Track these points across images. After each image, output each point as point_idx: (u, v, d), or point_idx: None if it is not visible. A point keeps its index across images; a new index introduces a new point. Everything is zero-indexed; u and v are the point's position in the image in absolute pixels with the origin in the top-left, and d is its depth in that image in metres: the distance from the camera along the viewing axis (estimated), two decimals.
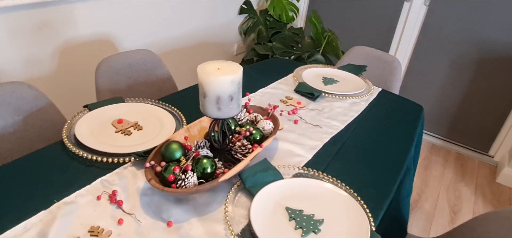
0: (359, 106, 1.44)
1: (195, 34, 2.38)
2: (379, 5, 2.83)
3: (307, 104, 1.41)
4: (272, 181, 0.93)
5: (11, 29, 1.46)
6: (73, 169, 0.92)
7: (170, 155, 0.88)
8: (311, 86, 1.49)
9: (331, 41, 2.67)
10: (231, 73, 0.82)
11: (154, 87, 1.55)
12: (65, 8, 1.60)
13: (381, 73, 1.89)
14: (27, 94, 1.16)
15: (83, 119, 1.09)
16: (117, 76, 1.43)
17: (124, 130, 1.07)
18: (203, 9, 2.36)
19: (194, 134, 1.04)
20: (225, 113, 0.86)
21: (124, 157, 0.96)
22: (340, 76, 1.66)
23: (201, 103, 0.87)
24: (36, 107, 1.18)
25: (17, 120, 1.14)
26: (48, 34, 1.59)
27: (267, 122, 1.08)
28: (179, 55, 2.32)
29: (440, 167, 2.57)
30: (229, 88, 0.83)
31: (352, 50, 1.97)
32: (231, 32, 2.74)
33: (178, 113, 1.19)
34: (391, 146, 1.20)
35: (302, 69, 1.69)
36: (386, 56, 1.88)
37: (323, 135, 1.22)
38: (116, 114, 1.15)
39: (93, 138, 1.01)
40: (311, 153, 1.11)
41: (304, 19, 3.25)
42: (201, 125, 1.06)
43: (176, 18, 2.19)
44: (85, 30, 1.72)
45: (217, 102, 0.84)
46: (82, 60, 1.77)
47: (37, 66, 1.60)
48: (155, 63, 1.56)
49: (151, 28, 2.05)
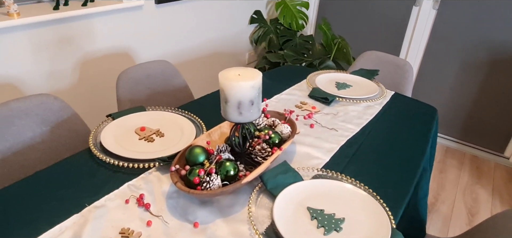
0: (373, 109, 1.46)
1: (207, 45, 2.44)
2: (388, 10, 2.85)
3: (322, 109, 1.43)
4: (292, 182, 0.95)
5: (36, 44, 1.53)
6: (101, 175, 0.96)
7: (194, 159, 0.91)
8: (325, 91, 1.52)
9: (342, 47, 2.70)
10: (252, 78, 0.86)
11: (171, 96, 1.60)
12: (85, 23, 1.67)
13: (393, 77, 1.90)
14: (53, 106, 1.21)
15: (108, 128, 1.13)
16: (137, 86, 1.47)
17: (147, 137, 1.11)
18: (214, 20, 2.41)
19: (215, 139, 1.07)
20: (246, 118, 0.89)
21: (149, 162, 0.99)
22: (353, 81, 1.68)
23: (223, 109, 0.91)
24: (62, 118, 1.23)
25: (45, 130, 1.19)
26: (70, 48, 1.65)
27: (285, 126, 1.11)
28: (193, 65, 2.38)
29: (455, 170, 2.56)
30: (250, 93, 0.86)
31: (363, 55, 2.00)
32: (242, 41, 2.79)
33: (198, 120, 1.23)
34: (407, 147, 1.21)
35: (315, 75, 1.71)
36: (397, 60, 1.90)
37: (339, 138, 1.24)
38: (138, 122, 1.19)
39: (118, 146, 1.06)
40: (328, 155, 1.14)
41: (313, 26, 3.29)
42: (221, 130, 1.09)
43: (189, 31, 2.24)
44: (104, 44, 1.78)
45: (239, 107, 0.87)
46: (102, 72, 1.83)
47: (60, 79, 1.66)
48: (172, 73, 1.61)
49: (166, 40, 2.11)
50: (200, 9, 2.25)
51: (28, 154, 1.14)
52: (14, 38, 1.45)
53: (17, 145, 1.12)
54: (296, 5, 2.84)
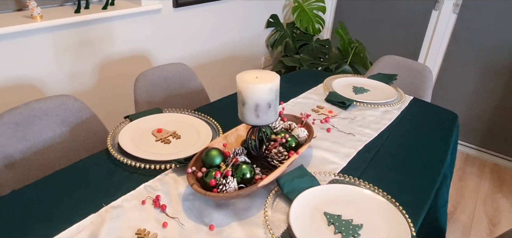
0: (391, 114, 1.43)
1: (223, 48, 2.45)
2: (407, 14, 2.81)
3: (339, 113, 1.41)
4: (309, 187, 0.94)
5: (57, 47, 1.56)
6: (118, 175, 0.97)
7: (210, 161, 0.91)
8: (342, 95, 1.50)
9: (359, 51, 2.66)
10: (269, 81, 0.85)
11: (188, 99, 1.61)
12: (105, 26, 1.70)
13: (412, 82, 1.87)
14: (73, 106, 1.23)
15: (125, 129, 1.14)
16: (154, 88, 1.49)
17: (164, 139, 1.12)
18: (231, 24, 2.42)
19: (231, 142, 1.07)
20: (263, 120, 0.89)
21: (166, 164, 1.00)
22: (370, 85, 1.65)
23: (240, 111, 0.90)
24: (81, 119, 1.25)
25: (64, 131, 1.21)
26: (90, 51, 1.68)
27: (302, 130, 1.10)
28: (209, 68, 2.39)
29: (475, 178, 2.49)
30: (268, 95, 0.85)
31: (381, 59, 1.97)
32: (258, 45, 2.79)
33: (214, 123, 1.23)
34: (427, 154, 1.18)
35: (332, 79, 1.70)
36: (416, 65, 1.87)
37: (356, 143, 1.22)
38: (155, 124, 1.20)
39: (135, 147, 1.06)
40: (346, 160, 1.12)
41: (330, 31, 3.27)
42: (238, 133, 1.09)
43: (206, 34, 2.26)
44: (123, 47, 1.81)
45: (256, 109, 0.87)
46: (120, 75, 1.86)
47: (80, 81, 1.69)
48: (189, 75, 1.62)
49: (182, 43, 2.12)
50: (217, 12, 2.26)
51: (48, 153, 1.17)
52: (37, 41, 1.49)
53: (37, 145, 1.14)
54: (312, 9, 2.83)
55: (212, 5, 2.21)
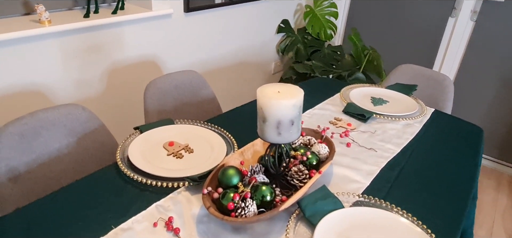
0: (413, 128, 1.36)
1: (233, 54, 2.39)
2: (422, 21, 2.73)
3: (358, 126, 1.35)
4: (332, 210, 0.87)
5: (65, 52, 1.51)
6: (128, 193, 0.91)
7: (227, 181, 0.85)
8: (360, 107, 1.43)
9: (372, 59, 2.59)
10: (293, 96, 0.79)
11: (199, 108, 1.55)
12: (115, 31, 1.64)
13: (431, 92, 1.79)
14: (81, 116, 1.18)
15: (135, 142, 1.08)
16: (165, 97, 1.43)
17: (176, 153, 1.06)
18: (242, 30, 2.36)
19: (248, 158, 1.00)
20: (285, 138, 0.82)
21: (179, 181, 0.94)
22: (389, 96, 1.58)
23: (260, 128, 0.84)
24: (89, 129, 1.19)
25: (71, 141, 1.15)
26: (98, 57, 1.63)
27: (322, 146, 1.03)
28: (218, 74, 2.33)
29: (492, 191, 2.40)
30: (291, 112, 0.79)
31: (398, 68, 1.90)
32: (269, 51, 2.73)
33: (228, 135, 1.17)
34: (455, 173, 1.11)
35: (349, 89, 1.63)
36: (436, 75, 1.79)
37: (378, 159, 1.15)
38: (167, 136, 1.14)
39: (146, 162, 1.00)
40: (369, 179, 1.05)
41: (342, 37, 3.20)
42: (254, 148, 1.03)
43: (216, 40, 2.20)
44: (132, 52, 1.76)
45: (278, 126, 0.80)
46: (129, 81, 1.80)
47: (87, 87, 1.64)
48: (200, 83, 1.56)
49: (192, 49, 2.07)
50: (228, 18, 2.21)
51: (54, 165, 1.11)
52: (45, 46, 1.44)
53: (43, 157, 1.09)
54: (324, 15, 2.76)
55: (223, 10, 2.15)
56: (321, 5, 2.75)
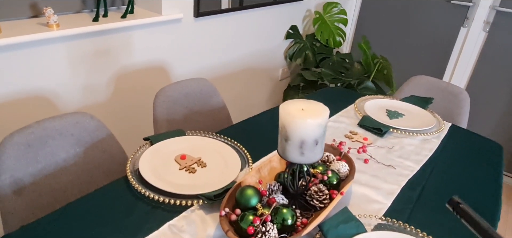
0: (431, 143, 1.32)
1: (241, 60, 2.35)
2: (433, 30, 2.69)
3: (374, 141, 1.30)
4: (355, 234, 0.82)
5: (73, 57, 1.47)
6: (139, 210, 0.86)
7: (245, 202, 0.80)
8: (376, 120, 1.39)
9: (382, 68, 2.55)
10: (318, 115, 0.74)
11: (209, 117, 1.50)
12: (123, 36, 1.60)
13: (446, 105, 1.75)
14: (89, 125, 1.13)
15: (146, 154, 1.04)
16: (174, 106, 1.39)
17: (188, 167, 1.01)
18: (251, 35, 2.32)
19: (264, 175, 0.96)
20: (308, 158, 0.78)
21: (193, 199, 0.89)
22: (405, 109, 1.54)
23: (281, 146, 0.79)
24: (97, 139, 1.15)
25: (78, 152, 1.11)
26: (106, 62, 1.59)
27: (342, 164, 0.98)
28: (225, 80, 2.29)
29: (504, 205, 2.35)
30: (316, 131, 0.75)
31: (412, 80, 1.85)
32: (277, 57, 2.69)
33: (242, 149, 1.12)
34: (478, 193, 1.06)
35: (363, 100, 1.58)
36: (451, 87, 1.75)
37: (398, 177, 1.10)
38: (178, 148, 1.10)
39: (157, 177, 0.96)
40: (389, 199, 1.00)
41: (350, 44, 3.16)
42: (271, 165, 0.98)
43: (225, 45, 2.16)
44: (140, 57, 1.71)
45: (301, 146, 0.76)
46: (136, 87, 1.76)
47: (94, 93, 1.59)
48: (210, 92, 1.52)
49: (201, 54, 2.03)
50: (237, 23, 2.16)
51: (60, 176, 1.06)
52: (52, 50, 1.39)
53: (49, 167, 1.04)
54: (334, 22, 2.72)
55: (233, 15, 2.11)
56: (330, 11, 2.71)
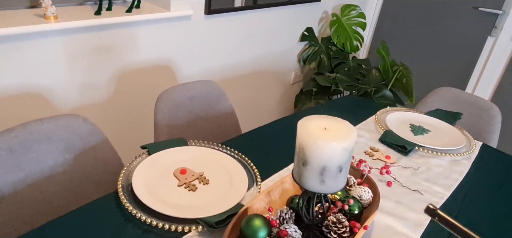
0: (461, 165, 1.17)
1: (252, 61, 2.22)
2: (457, 38, 2.53)
3: (398, 159, 1.16)
4: None
5: (71, 52, 1.36)
6: (129, 234, 0.75)
7: (252, 234, 0.68)
8: (401, 136, 1.25)
9: (401, 76, 2.40)
10: (344, 137, 0.61)
11: (215, 123, 1.38)
12: (128, 32, 1.49)
13: (474, 121, 1.60)
14: (81, 129, 1.02)
15: (142, 166, 0.92)
16: (177, 110, 1.27)
17: (188, 184, 0.89)
18: (264, 36, 2.20)
19: (275, 199, 0.83)
20: (329, 187, 0.65)
21: (190, 224, 0.77)
22: (430, 124, 1.40)
23: (298, 171, 0.67)
24: (89, 144, 1.03)
25: (68, 159, 1.00)
26: (108, 59, 1.48)
27: (365, 190, 0.85)
28: (235, 83, 2.17)
29: None
30: (340, 157, 0.62)
31: (437, 91, 1.71)
32: (290, 59, 2.56)
33: (250, 164, 1.00)
34: None
35: (384, 113, 1.45)
36: (481, 102, 1.60)
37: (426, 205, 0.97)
38: (179, 160, 0.98)
39: (152, 194, 0.84)
40: (417, 232, 0.87)
41: (367, 50, 3.01)
42: (283, 187, 0.86)
43: (236, 45, 2.04)
44: (145, 56, 1.60)
45: (322, 173, 0.63)
46: (139, 87, 1.65)
47: (93, 92, 1.48)
48: (218, 95, 1.40)
49: (210, 55, 1.91)
50: (250, 22, 2.04)
51: (46, 186, 0.95)
52: (48, 44, 1.29)
53: (33, 176, 0.93)
54: (351, 25, 2.58)
55: (246, 13, 1.98)
56: (348, 14, 2.57)
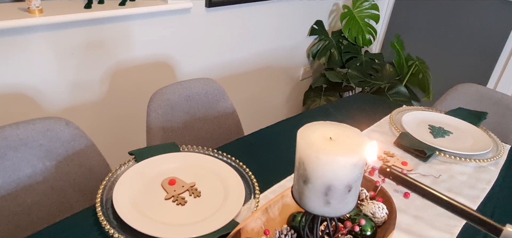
0: (488, 173, 1.04)
1: (258, 57, 2.11)
2: (478, 31, 2.36)
3: (416, 166, 1.04)
4: None
5: (59, 49, 1.27)
6: None
7: None
8: (418, 139, 1.12)
9: (417, 72, 2.26)
10: (354, 150, 0.50)
11: (214, 124, 1.28)
12: (120, 26, 1.39)
13: (500, 121, 1.46)
14: (63, 134, 0.92)
15: (126, 176, 0.82)
16: (172, 111, 1.17)
17: (177, 197, 0.79)
18: (270, 30, 2.08)
19: (274, 216, 0.72)
20: (335, 210, 0.54)
21: None
22: (452, 125, 1.26)
23: (298, 189, 0.56)
24: (73, 150, 0.94)
25: (49, 166, 0.90)
26: (100, 56, 1.38)
27: (379, 206, 0.73)
28: (239, 80, 2.06)
29: None
30: (349, 174, 0.50)
31: (458, 88, 1.57)
32: (298, 55, 2.44)
33: (248, 173, 0.89)
34: None
35: (400, 112, 1.32)
36: (508, 100, 1.45)
37: (449, 221, 0.85)
38: (168, 169, 0.87)
39: (136, 209, 0.74)
40: None
41: (380, 44, 2.86)
42: (283, 201, 0.74)
43: (240, 40, 1.93)
44: (141, 52, 1.51)
45: (326, 193, 0.52)
46: (135, 86, 1.55)
47: (84, 92, 1.39)
48: (218, 95, 1.29)
49: (212, 50, 1.80)
50: (255, 15, 1.93)
51: (23, 197, 0.86)
52: (34, 40, 1.20)
53: (8, 186, 0.84)
54: (364, 17, 2.44)
55: (250, 6, 1.87)
56: (360, 6, 2.43)
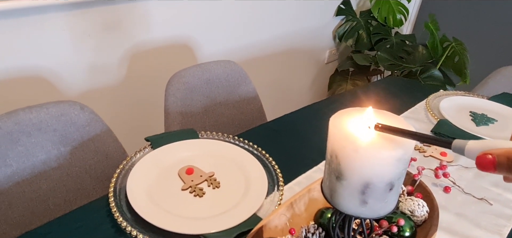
0: None
1: (282, 38, 2.02)
2: None
3: (457, 158, 0.94)
4: None
5: (76, 30, 1.23)
6: None
7: None
8: (459, 127, 1.02)
9: (453, 54, 2.10)
10: (398, 143, 0.42)
11: (235, 109, 1.21)
12: (141, 5, 1.34)
13: None
14: (78, 119, 0.89)
15: (141, 164, 0.77)
16: (192, 94, 1.11)
17: (195, 188, 0.73)
18: (294, 9, 1.98)
19: (300, 212, 0.65)
20: (373, 210, 0.46)
21: None
22: (496, 112, 1.15)
23: (329, 185, 0.48)
24: (88, 136, 0.90)
25: (63, 151, 0.87)
26: (117, 37, 1.34)
27: (418, 203, 0.65)
28: (261, 63, 1.98)
29: None
30: (392, 170, 0.43)
31: (500, 71, 1.43)
32: (324, 36, 2.32)
33: (272, 163, 0.82)
34: None
35: (436, 97, 1.21)
36: None
37: (497, 219, 0.75)
38: (186, 157, 0.82)
39: (150, 200, 0.69)
40: None
41: (412, 24, 2.69)
42: (310, 196, 0.67)
43: (264, 20, 1.84)
44: (161, 33, 1.45)
45: (364, 191, 0.44)
46: (154, 68, 1.50)
47: (102, 75, 1.36)
48: (240, 78, 1.22)
49: (234, 31, 1.73)
50: None
51: (37, 183, 0.83)
52: (50, 20, 1.16)
53: (22, 172, 0.81)
54: None
55: None
56: None
